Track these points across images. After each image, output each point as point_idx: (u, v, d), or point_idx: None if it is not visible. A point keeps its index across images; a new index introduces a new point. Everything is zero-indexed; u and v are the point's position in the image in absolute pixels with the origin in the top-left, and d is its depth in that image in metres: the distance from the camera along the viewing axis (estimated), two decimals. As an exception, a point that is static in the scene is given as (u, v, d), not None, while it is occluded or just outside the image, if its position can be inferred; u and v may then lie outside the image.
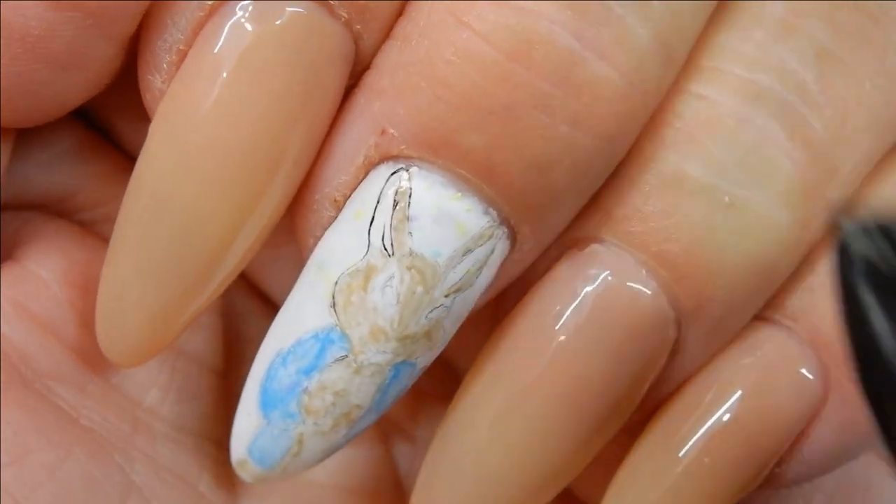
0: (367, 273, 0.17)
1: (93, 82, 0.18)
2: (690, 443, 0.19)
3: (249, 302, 0.23)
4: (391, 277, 0.17)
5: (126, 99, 0.19)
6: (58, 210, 0.21)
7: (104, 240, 0.21)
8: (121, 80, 0.19)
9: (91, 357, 0.20)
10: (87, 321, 0.20)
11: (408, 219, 0.17)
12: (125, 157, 0.21)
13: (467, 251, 0.17)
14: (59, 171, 0.21)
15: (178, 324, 0.19)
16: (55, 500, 0.19)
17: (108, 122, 0.22)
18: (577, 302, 0.18)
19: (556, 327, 0.18)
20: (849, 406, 0.19)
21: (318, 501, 0.23)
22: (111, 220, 0.19)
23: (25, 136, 0.20)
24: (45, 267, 0.20)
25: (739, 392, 0.19)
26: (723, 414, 0.19)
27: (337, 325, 0.18)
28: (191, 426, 0.22)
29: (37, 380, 0.20)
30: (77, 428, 0.20)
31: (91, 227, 0.21)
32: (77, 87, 0.18)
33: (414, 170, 0.17)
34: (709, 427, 0.19)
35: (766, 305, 0.19)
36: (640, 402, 0.19)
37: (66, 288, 0.20)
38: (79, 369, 0.20)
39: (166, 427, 0.21)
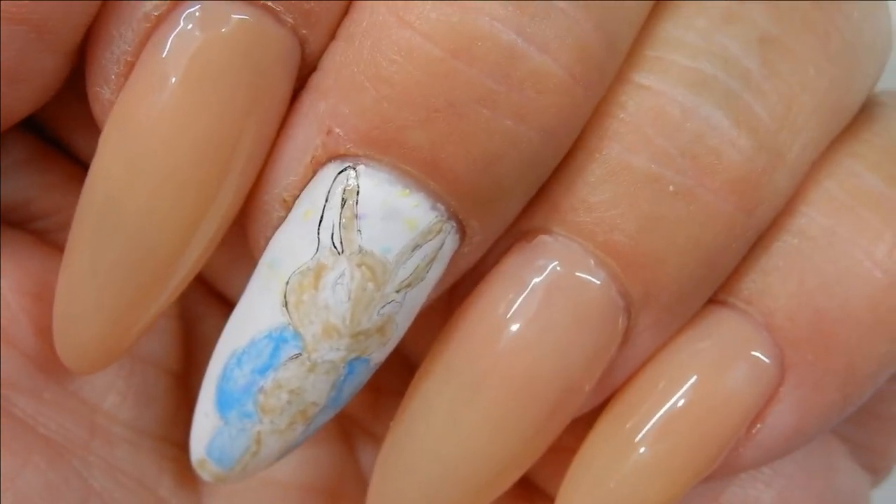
0: (318, 271, 0.17)
1: (39, 93, 0.18)
2: (646, 428, 0.19)
3: (207, 304, 0.23)
4: (342, 275, 0.17)
5: (77, 108, 0.19)
6: (11, 220, 0.21)
7: (58, 248, 0.21)
8: (70, 90, 0.19)
9: (47, 365, 0.20)
10: (41, 329, 0.20)
11: (356, 216, 0.17)
12: (78, 166, 0.21)
13: (416, 246, 0.18)
14: (11, 181, 0.21)
15: (134, 329, 0.19)
16: None
17: (60, 131, 0.22)
18: (525, 292, 0.18)
19: (506, 318, 0.18)
20: (805, 389, 0.19)
21: (281, 500, 0.23)
22: (65, 228, 0.19)
23: (-24, 150, 0.20)
24: None
25: (694, 376, 0.19)
26: (678, 399, 0.19)
27: (290, 323, 0.18)
28: (150, 429, 0.22)
29: None
30: (34, 436, 0.20)
31: (45, 235, 0.21)
32: (24, 99, 0.18)
33: (361, 168, 0.17)
34: (664, 412, 0.19)
35: (720, 289, 0.19)
36: (594, 389, 0.19)
37: (20, 296, 0.20)
38: (34, 377, 0.20)
39: (125, 431, 0.21)
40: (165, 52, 0.17)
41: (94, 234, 0.18)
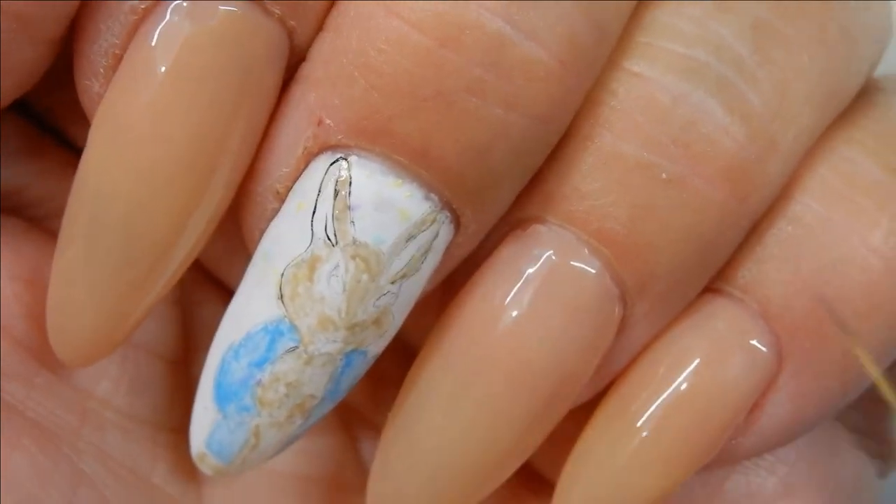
0: (312, 263, 0.17)
1: (21, 83, 0.18)
2: (644, 417, 0.19)
3: (202, 289, 0.23)
4: (336, 267, 0.17)
5: (69, 96, 0.19)
6: (4, 207, 0.21)
7: (52, 234, 0.21)
8: (63, 78, 0.19)
9: (38, 350, 0.20)
10: (33, 315, 0.20)
11: (349, 208, 0.17)
12: (71, 153, 0.22)
13: (410, 237, 0.18)
14: (5, 169, 0.21)
15: (128, 321, 0.19)
16: (5, 490, 0.19)
17: (55, 120, 0.22)
18: (520, 282, 0.18)
19: (502, 308, 0.18)
20: (803, 377, 0.19)
21: (281, 490, 0.23)
22: (59, 215, 0.19)
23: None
24: None
25: (693, 364, 0.19)
26: (677, 386, 0.19)
27: (285, 316, 0.18)
28: (144, 415, 0.22)
29: None
30: (23, 420, 0.20)
31: (40, 222, 0.21)
32: (5, 88, 0.18)
33: (353, 158, 0.17)
34: (663, 399, 0.19)
35: (716, 277, 0.19)
36: (591, 378, 0.19)
37: (13, 282, 0.20)
38: (26, 363, 0.20)
39: (117, 417, 0.21)
40: (153, 45, 0.17)
41: (86, 227, 0.18)
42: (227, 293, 0.23)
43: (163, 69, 0.17)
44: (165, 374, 0.22)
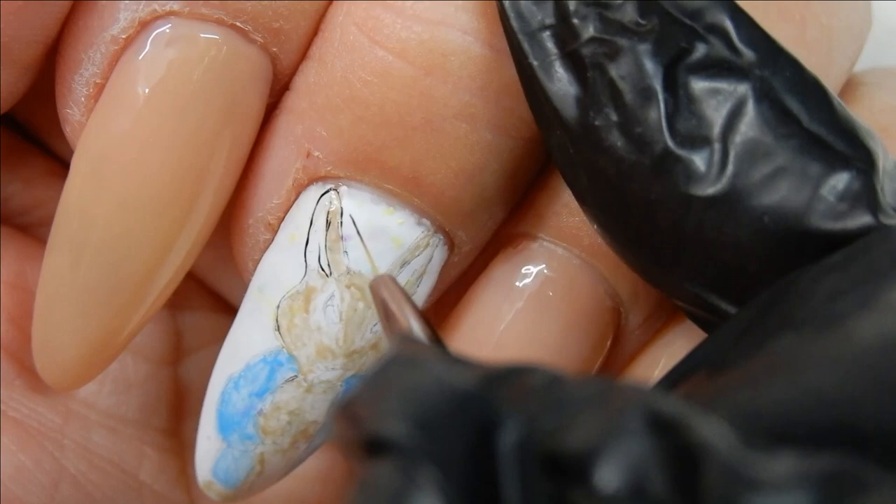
0: (307, 294, 0.18)
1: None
2: None
3: (190, 293, 0.23)
4: (331, 297, 0.17)
5: (53, 107, 0.19)
6: None
7: (39, 241, 0.21)
8: (47, 89, 0.19)
9: (20, 352, 0.20)
10: (14, 318, 0.20)
11: (341, 238, 0.17)
12: (56, 162, 0.22)
13: (405, 263, 0.18)
14: None
15: (114, 346, 0.19)
16: None
17: (40, 132, 0.22)
18: (515, 298, 0.18)
19: (496, 325, 0.19)
20: None
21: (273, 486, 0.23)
22: (46, 223, 0.19)
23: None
24: None
25: None
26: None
27: (283, 347, 0.18)
28: (129, 416, 0.22)
29: None
30: (5, 419, 0.20)
31: (27, 230, 0.21)
32: None
33: (343, 189, 0.17)
34: None
35: None
36: None
37: None
38: (8, 364, 0.20)
39: (102, 417, 0.21)
40: (135, 75, 0.17)
41: (70, 253, 0.18)
42: (214, 296, 0.23)
43: (144, 97, 0.17)
44: (152, 376, 0.22)
